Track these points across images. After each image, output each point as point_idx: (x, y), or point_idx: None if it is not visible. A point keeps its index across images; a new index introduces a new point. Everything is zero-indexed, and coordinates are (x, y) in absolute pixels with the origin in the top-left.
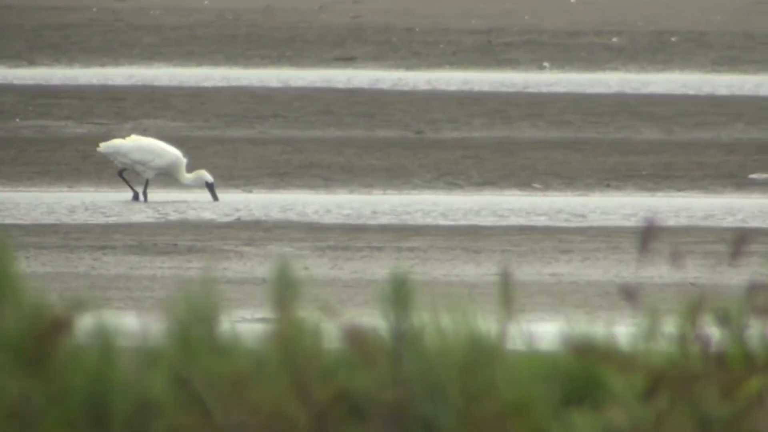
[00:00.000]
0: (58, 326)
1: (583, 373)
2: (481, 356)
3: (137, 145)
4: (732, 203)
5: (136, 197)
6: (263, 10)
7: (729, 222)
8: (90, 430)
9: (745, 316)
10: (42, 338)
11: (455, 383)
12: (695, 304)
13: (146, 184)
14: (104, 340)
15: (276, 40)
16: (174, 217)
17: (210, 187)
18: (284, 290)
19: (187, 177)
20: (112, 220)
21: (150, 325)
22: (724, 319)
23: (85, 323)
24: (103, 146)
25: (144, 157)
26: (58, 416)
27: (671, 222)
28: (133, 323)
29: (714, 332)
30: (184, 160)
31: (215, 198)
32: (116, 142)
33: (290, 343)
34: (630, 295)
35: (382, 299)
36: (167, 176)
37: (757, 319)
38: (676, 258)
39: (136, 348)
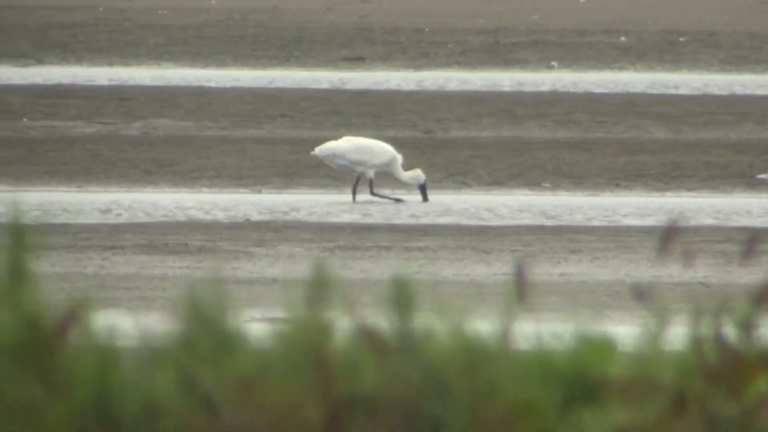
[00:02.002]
0: (63, 326)
1: (589, 373)
2: (489, 356)
3: (354, 145)
4: (740, 203)
5: (398, 201)
6: (271, 11)
7: (737, 222)
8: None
9: (755, 315)
10: (47, 338)
11: (462, 382)
12: (706, 304)
13: (371, 184)
14: (110, 340)
15: (284, 41)
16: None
17: (422, 187)
18: (318, 291)
19: (406, 175)
20: (121, 219)
21: (158, 325)
22: (734, 318)
23: (91, 323)
24: (318, 150)
25: (362, 156)
26: (63, 417)
27: (680, 221)
28: (140, 323)
29: (725, 331)
30: (400, 157)
31: (425, 198)
32: (331, 145)
33: (312, 343)
34: (641, 295)
35: (384, 301)
36: (385, 174)
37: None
38: (687, 257)
39: (144, 348)
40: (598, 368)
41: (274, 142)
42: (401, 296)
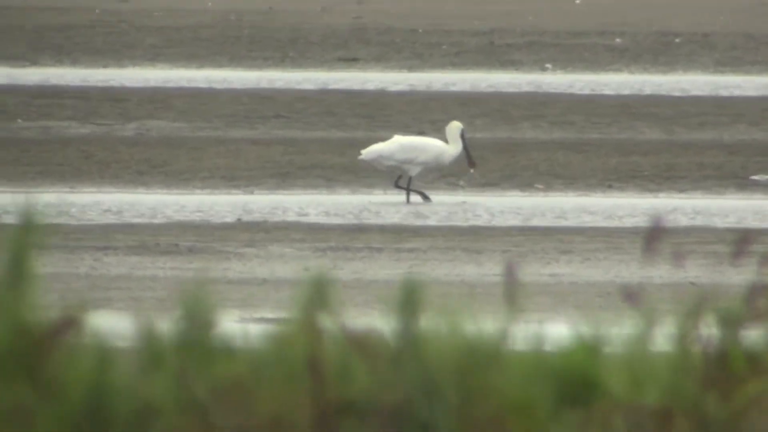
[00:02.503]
0: (56, 329)
1: (581, 374)
2: (480, 357)
3: (400, 145)
4: (734, 204)
5: (426, 198)
6: (266, 12)
7: (730, 223)
8: None
9: (744, 318)
10: (40, 341)
11: (453, 385)
12: (696, 305)
13: (409, 182)
14: (103, 342)
15: (278, 42)
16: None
17: (463, 135)
18: (313, 296)
19: (451, 154)
20: (113, 220)
21: (150, 327)
22: (724, 319)
23: (83, 325)
24: (365, 153)
25: (409, 155)
26: (57, 420)
27: (672, 222)
28: (133, 324)
29: (714, 333)
30: (445, 147)
31: (468, 151)
32: (377, 147)
33: (303, 346)
34: (630, 296)
35: (391, 303)
36: (433, 170)
37: (756, 322)
38: (677, 258)
39: (136, 350)
40: (589, 369)
41: (268, 142)
42: (409, 299)
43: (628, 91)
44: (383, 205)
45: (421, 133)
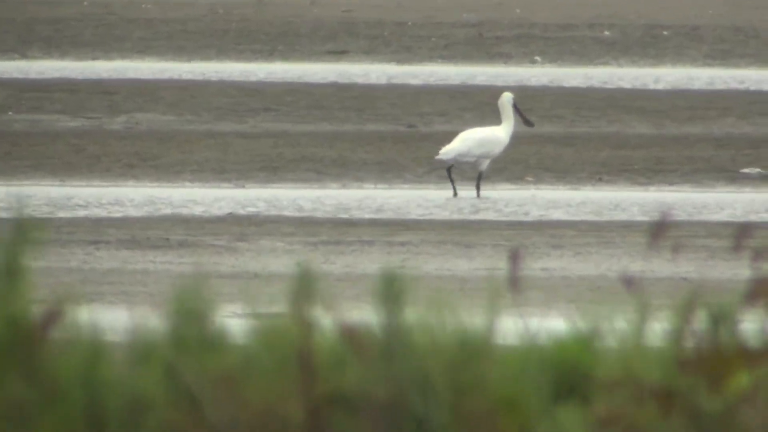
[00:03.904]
0: (47, 323)
1: (574, 368)
2: (472, 351)
3: (474, 141)
4: (724, 197)
5: (455, 195)
6: (255, 4)
7: (721, 216)
8: (81, 427)
9: (737, 310)
10: (31, 335)
11: (445, 379)
12: (688, 299)
13: (480, 177)
14: (94, 336)
15: (267, 35)
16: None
17: (515, 105)
18: (303, 290)
19: (508, 134)
20: (104, 214)
21: (142, 321)
22: (716, 312)
23: (75, 318)
24: (443, 154)
25: (485, 149)
26: (48, 413)
27: (670, 216)
28: (124, 318)
29: (706, 327)
30: (503, 133)
31: (522, 114)
32: (453, 147)
33: (294, 340)
34: (629, 283)
35: (374, 295)
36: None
37: (751, 306)
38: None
39: (128, 344)
40: (581, 363)
41: (257, 136)
42: (391, 291)
43: (617, 84)
44: (374, 198)
45: (410, 126)
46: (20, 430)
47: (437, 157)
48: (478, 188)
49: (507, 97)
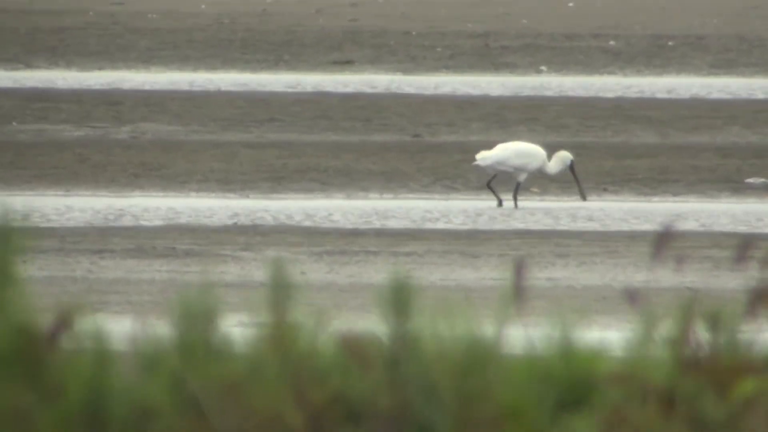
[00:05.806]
0: (53, 332)
1: (579, 378)
2: (478, 360)
3: (515, 151)
4: (728, 208)
5: (500, 204)
6: (260, 14)
7: (725, 226)
8: None
9: (739, 319)
10: (37, 344)
11: (451, 387)
12: (690, 309)
13: (517, 188)
14: (100, 344)
15: (273, 44)
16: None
17: (572, 167)
18: (279, 293)
19: (553, 166)
20: (109, 223)
21: (147, 330)
22: (718, 322)
23: (80, 327)
24: (480, 159)
25: (523, 161)
26: (55, 422)
27: (674, 226)
28: (130, 327)
29: (708, 336)
30: (546, 159)
31: (578, 181)
32: (492, 154)
33: (284, 347)
34: (633, 298)
35: (380, 303)
36: (536, 177)
37: (753, 316)
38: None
39: (133, 352)
40: (586, 373)
41: (263, 146)
42: (398, 298)
43: (622, 94)
44: (380, 208)
45: (416, 136)
46: None
47: (474, 163)
48: (515, 199)
49: (566, 157)
